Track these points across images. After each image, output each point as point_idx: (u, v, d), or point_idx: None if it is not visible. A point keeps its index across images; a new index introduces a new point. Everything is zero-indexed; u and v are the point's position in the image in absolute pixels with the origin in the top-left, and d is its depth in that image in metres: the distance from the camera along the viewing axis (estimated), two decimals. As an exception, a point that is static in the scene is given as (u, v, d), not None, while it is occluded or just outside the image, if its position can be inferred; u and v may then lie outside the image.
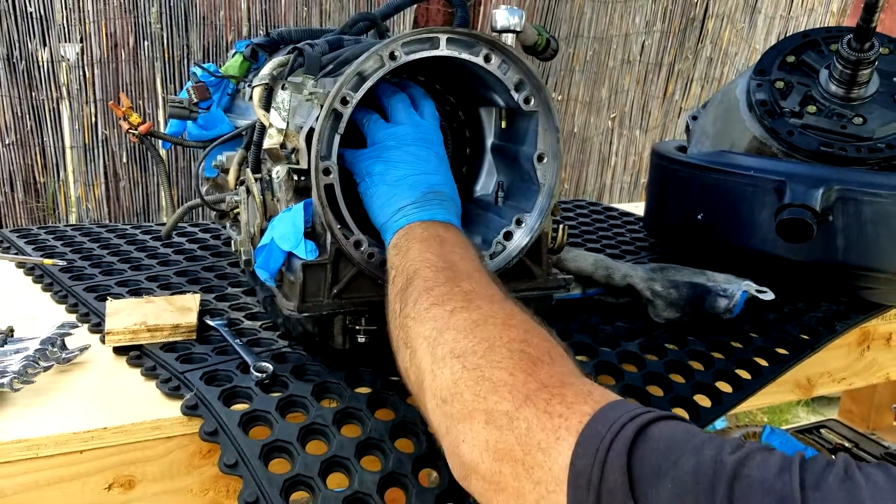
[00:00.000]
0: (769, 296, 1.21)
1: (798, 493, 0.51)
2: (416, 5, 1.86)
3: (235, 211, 1.21)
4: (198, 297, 1.22)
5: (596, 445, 0.58)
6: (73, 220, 3.75)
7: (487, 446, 0.65)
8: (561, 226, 1.11)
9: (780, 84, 1.43)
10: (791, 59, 1.47)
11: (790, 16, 5.04)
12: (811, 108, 1.39)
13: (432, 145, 0.99)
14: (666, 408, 1.08)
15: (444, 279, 0.82)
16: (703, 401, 1.11)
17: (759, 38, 4.95)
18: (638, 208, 2.00)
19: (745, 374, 1.16)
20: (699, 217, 1.41)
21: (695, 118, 1.68)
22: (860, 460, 1.93)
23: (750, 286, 1.22)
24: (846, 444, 2.28)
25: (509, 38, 1.10)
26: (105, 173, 3.78)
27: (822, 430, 2.39)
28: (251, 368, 1.00)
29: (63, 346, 1.05)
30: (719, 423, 2.54)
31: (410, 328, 0.80)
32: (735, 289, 1.20)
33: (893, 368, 1.48)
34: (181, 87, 3.52)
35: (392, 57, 0.96)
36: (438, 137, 1.01)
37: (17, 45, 3.47)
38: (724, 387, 1.14)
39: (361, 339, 1.02)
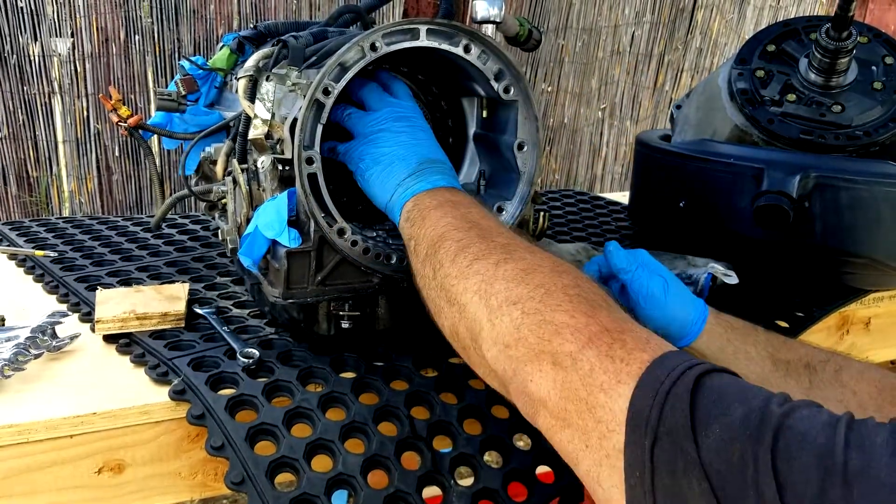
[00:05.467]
0: (734, 280, 1.24)
1: (841, 450, 0.52)
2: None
3: (223, 201, 1.22)
4: (186, 286, 1.24)
5: (655, 389, 0.62)
6: (66, 213, 3.76)
7: (554, 385, 0.68)
8: (542, 213, 1.13)
9: (760, 73, 1.45)
10: (771, 48, 1.49)
11: (779, 6, 5.06)
12: (791, 97, 1.41)
13: (412, 120, 1.01)
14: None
15: (475, 236, 0.84)
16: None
17: (748, 29, 4.96)
18: (626, 198, 2.02)
19: (723, 358, 1.19)
20: (681, 204, 1.43)
21: (679, 107, 1.70)
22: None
23: (716, 268, 1.24)
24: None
25: (489, 29, 1.12)
26: (98, 167, 3.79)
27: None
28: (238, 354, 1.02)
29: (53, 335, 1.07)
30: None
31: (454, 286, 0.82)
32: (699, 273, 1.22)
33: (873, 352, 1.51)
34: (172, 81, 3.54)
35: (373, 48, 0.98)
36: (416, 112, 1.03)
37: (7, 39, 3.47)
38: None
39: (346, 324, 1.04)
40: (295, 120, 0.98)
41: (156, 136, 1.36)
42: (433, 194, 0.94)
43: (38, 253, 1.42)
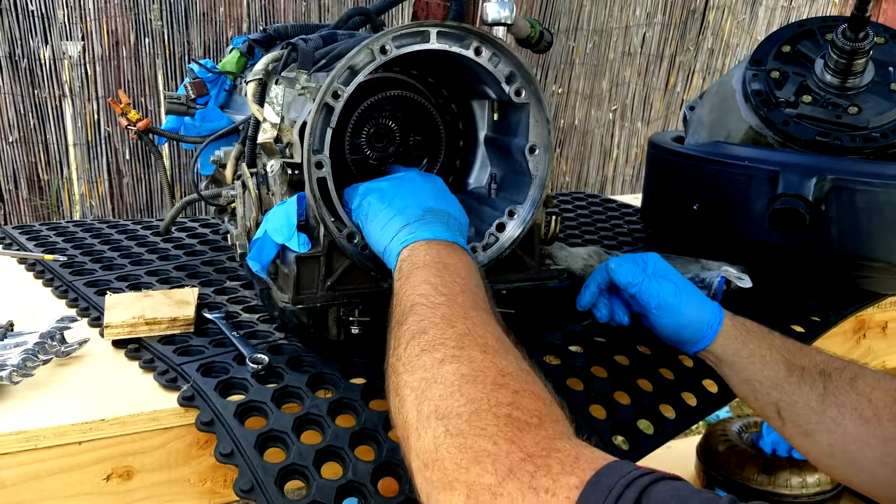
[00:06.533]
0: (748, 284, 1.22)
1: None
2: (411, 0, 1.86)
3: (232, 205, 1.22)
4: (196, 290, 1.23)
5: None
6: (77, 217, 3.77)
7: None
8: (553, 217, 1.12)
9: (775, 74, 1.44)
10: (787, 48, 1.47)
11: (791, 6, 5.03)
12: (806, 98, 1.39)
13: (431, 179, 1.01)
14: (665, 400, 1.09)
15: (439, 318, 0.79)
16: (691, 399, 1.11)
17: (760, 29, 4.93)
18: (638, 200, 2.00)
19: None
20: (695, 207, 1.42)
21: (692, 108, 1.69)
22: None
23: (730, 272, 1.22)
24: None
25: (500, 31, 1.11)
26: (108, 170, 3.80)
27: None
28: (247, 360, 1.01)
29: (62, 340, 1.06)
30: (723, 413, 2.55)
31: (400, 375, 0.77)
32: (713, 277, 1.21)
33: (890, 357, 1.49)
34: (182, 84, 3.54)
35: (383, 51, 0.97)
36: (438, 179, 1.04)
37: (19, 42, 3.48)
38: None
39: (355, 330, 1.03)
40: (304, 124, 0.98)
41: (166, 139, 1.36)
42: (429, 248, 0.89)
43: (48, 257, 1.42)
